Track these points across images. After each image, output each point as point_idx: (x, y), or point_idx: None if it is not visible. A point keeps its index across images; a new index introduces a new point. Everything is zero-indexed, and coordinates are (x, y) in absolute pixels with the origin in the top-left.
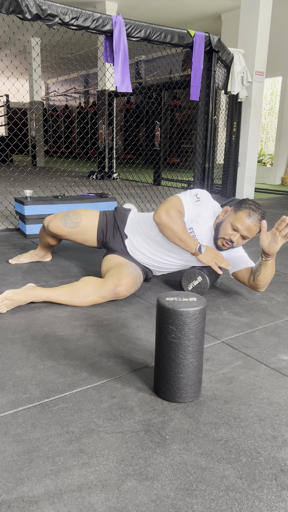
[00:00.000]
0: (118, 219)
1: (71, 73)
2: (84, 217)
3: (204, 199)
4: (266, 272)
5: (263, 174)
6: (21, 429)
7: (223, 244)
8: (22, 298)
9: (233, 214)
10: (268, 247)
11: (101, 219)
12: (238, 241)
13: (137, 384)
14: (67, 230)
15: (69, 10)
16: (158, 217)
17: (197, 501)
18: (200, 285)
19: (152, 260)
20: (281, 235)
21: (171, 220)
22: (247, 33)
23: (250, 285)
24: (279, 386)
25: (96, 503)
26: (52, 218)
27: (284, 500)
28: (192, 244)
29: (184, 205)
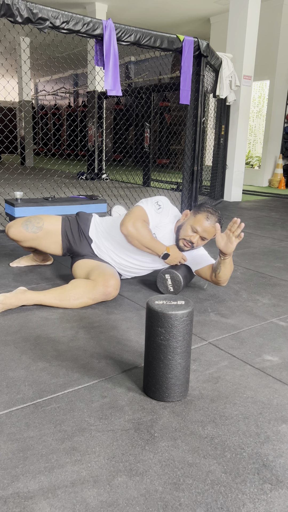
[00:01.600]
0: (82, 223)
1: (60, 72)
2: (46, 221)
3: (164, 205)
4: (226, 269)
5: (250, 176)
6: (15, 428)
7: (184, 244)
8: (13, 302)
9: (192, 217)
10: (224, 247)
11: (63, 223)
12: (198, 242)
13: (127, 384)
14: (29, 235)
15: (60, 14)
16: (125, 229)
17: (184, 495)
18: (174, 280)
19: (118, 263)
20: (234, 235)
21: (138, 231)
22: (235, 38)
23: (212, 280)
24: (263, 386)
25: (89, 498)
26: (13, 224)
27: (265, 493)
28: (159, 250)
29: (148, 214)
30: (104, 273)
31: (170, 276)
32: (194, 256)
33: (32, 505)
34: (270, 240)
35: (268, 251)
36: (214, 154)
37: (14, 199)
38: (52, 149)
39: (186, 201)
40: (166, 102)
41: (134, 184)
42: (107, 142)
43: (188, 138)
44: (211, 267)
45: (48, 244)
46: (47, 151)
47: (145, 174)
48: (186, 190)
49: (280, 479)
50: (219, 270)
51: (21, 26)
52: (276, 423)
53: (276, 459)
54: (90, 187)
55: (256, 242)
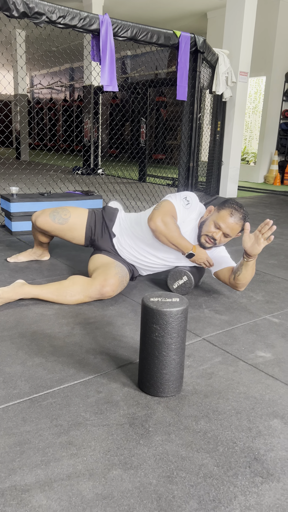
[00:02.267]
0: (107, 218)
1: (56, 66)
2: (73, 214)
3: (193, 201)
4: (247, 272)
5: (246, 172)
6: (12, 423)
7: (206, 241)
8: (11, 296)
9: (216, 213)
10: (250, 248)
11: (89, 217)
12: (221, 239)
13: (122, 380)
14: (55, 225)
15: (56, 8)
16: (154, 224)
17: (177, 487)
18: (185, 284)
19: (138, 259)
20: (263, 237)
21: (166, 227)
22: (232, 34)
23: (230, 284)
24: (255, 381)
25: (84, 490)
26: (40, 214)
27: (256, 486)
28: (186, 249)
29: (176, 209)
30: (105, 273)
31: (186, 280)
32: (215, 257)
33: (29, 498)
34: None
35: (262, 249)
36: (210, 150)
37: (9, 194)
38: (47, 144)
39: None
40: (162, 97)
41: (129, 179)
42: (103, 137)
43: (184, 134)
44: (231, 270)
45: (73, 235)
46: (42, 146)
47: (141, 169)
48: (182, 186)
49: (270, 472)
50: (239, 272)
51: (17, 20)
52: (268, 418)
53: (267, 453)
54: (86, 182)
55: None
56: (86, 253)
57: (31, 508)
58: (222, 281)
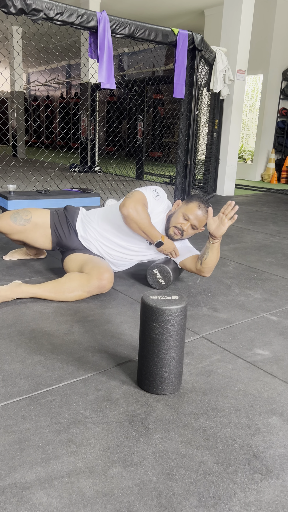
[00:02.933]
0: (69, 216)
1: (53, 63)
2: (34, 214)
3: (161, 194)
4: (213, 255)
5: (243, 171)
6: (11, 421)
7: (174, 233)
8: (8, 295)
9: (184, 206)
10: (216, 230)
11: (52, 216)
12: (188, 230)
13: (122, 378)
14: (16, 227)
15: (54, 5)
16: (126, 210)
17: (177, 484)
18: (162, 274)
19: (107, 254)
20: (227, 217)
21: (138, 214)
22: (229, 32)
23: (197, 270)
24: (254, 379)
25: (85, 488)
26: (1, 217)
27: (256, 483)
28: (155, 237)
29: (147, 200)
30: (98, 266)
31: (159, 270)
32: (181, 248)
33: (29, 495)
34: (262, 235)
35: (259, 246)
36: (207, 148)
37: (7, 192)
38: (44, 141)
39: (179, 195)
40: (159, 95)
41: (127, 177)
42: (100, 135)
43: (181, 132)
44: (196, 258)
45: (36, 237)
46: (39, 143)
47: (138, 167)
48: (179, 184)
49: (270, 469)
50: (206, 256)
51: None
52: (267, 415)
53: (266, 450)
54: (83, 180)
55: (248, 237)
56: None
57: (32, 506)
58: (188, 270)
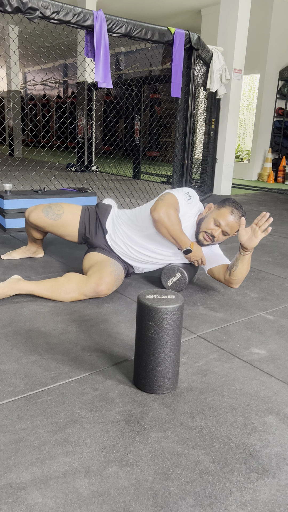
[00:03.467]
0: (100, 214)
1: (49, 62)
2: (66, 210)
3: (194, 197)
4: (243, 267)
5: (240, 170)
6: (7, 421)
7: (204, 238)
8: (6, 291)
9: (216, 210)
10: (247, 241)
11: (83, 213)
12: (219, 236)
13: (118, 377)
14: (48, 221)
15: (50, 4)
16: (157, 215)
17: (173, 484)
18: (179, 281)
19: (133, 255)
20: (260, 229)
21: (170, 219)
22: (226, 31)
23: (225, 280)
24: (250, 378)
25: (80, 488)
26: (34, 209)
27: (252, 482)
28: (184, 244)
29: (179, 203)
30: (100, 271)
31: (180, 277)
32: (209, 255)
33: (24, 496)
34: None
35: (256, 245)
36: (204, 148)
37: (3, 191)
38: (41, 141)
39: None
40: (156, 94)
41: (124, 177)
42: (97, 134)
43: (178, 131)
44: (226, 267)
45: (66, 232)
46: (36, 143)
47: (135, 166)
48: (176, 183)
49: (266, 468)
50: (235, 267)
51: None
52: (263, 414)
53: (263, 449)
54: (80, 179)
55: None
56: (81, 250)
57: (27, 506)
58: (216, 279)
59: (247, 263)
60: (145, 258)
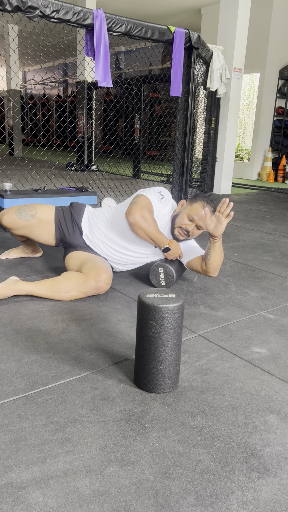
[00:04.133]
0: (75, 213)
1: (50, 62)
2: (39, 210)
3: (166, 195)
4: (216, 255)
5: (240, 169)
6: (7, 420)
7: (179, 233)
8: (5, 292)
9: (189, 206)
10: (214, 229)
11: (57, 212)
12: (193, 231)
13: (118, 376)
14: (21, 223)
15: (50, 2)
16: (133, 218)
17: (174, 483)
18: (167, 274)
19: (111, 254)
20: (223, 215)
21: (146, 222)
22: (226, 30)
23: (203, 270)
24: (251, 377)
25: (81, 487)
26: (6, 212)
27: (253, 481)
28: (162, 243)
29: (152, 204)
30: (96, 267)
31: (164, 270)
32: (186, 248)
33: (25, 495)
34: (259, 233)
35: (256, 245)
36: (204, 147)
37: (3, 191)
38: (41, 140)
39: (176, 194)
40: (156, 93)
41: (124, 176)
42: (97, 133)
43: (178, 131)
44: (202, 258)
45: (41, 233)
46: (36, 142)
47: (135, 166)
48: (176, 182)
49: (267, 468)
50: (209, 256)
51: (10, 14)
52: (264, 414)
53: (264, 448)
54: (79, 179)
55: (245, 235)
56: None
57: (28, 506)
58: (194, 270)
59: (219, 250)
60: (125, 257)
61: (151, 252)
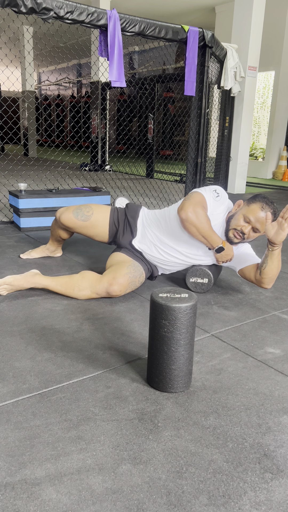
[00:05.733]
0: (129, 215)
1: (63, 62)
2: (95, 211)
3: (222, 194)
4: (273, 264)
5: (254, 168)
6: (22, 417)
7: (234, 235)
8: (22, 284)
9: (246, 207)
10: (274, 236)
11: (112, 214)
12: (249, 233)
13: (131, 375)
14: (78, 222)
15: (64, 4)
16: (185, 214)
17: (187, 483)
18: (203, 285)
19: (160, 256)
20: (287, 222)
21: (198, 218)
22: (240, 28)
23: (256, 280)
24: (265, 377)
25: (94, 485)
26: (64, 210)
27: (266, 482)
28: (215, 242)
29: (207, 201)
30: (116, 271)
31: (208, 281)
32: (241, 254)
33: (39, 491)
34: None
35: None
36: (218, 146)
37: (18, 191)
38: (55, 140)
39: None
40: (170, 93)
41: (137, 176)
42: (111, 133)
43: (192, 130)
44: (256, 267)
45: (96, 232)
46: (50, 142)
47: (149, 165)
48: (190, 182)
49: (280, 469)
50: (265, 265)
51: (25, 16)
52: (278, 414)
53: (277, 449)
54: (93, 179)
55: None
56: (95, 249)
57: (41, 502)
58: (247, 279)
59: (277, 259)
60: (174, 260)
61: (203, 253)
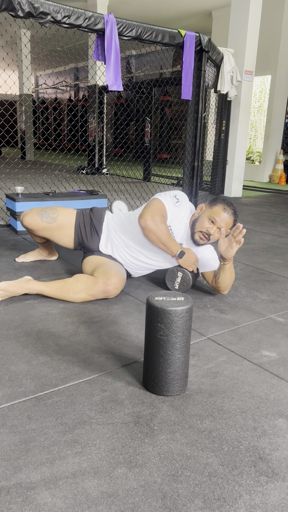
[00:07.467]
0: (95, 219)
1: (60, 66)
2: (61, 213)
3: (182, 199)
4: (225, 275)
5: (251, 172)
6: (17, 421)
7: (200, 237)
8: (16, 290)
9: (209, 209)
10: (225, 252)
11: (78, 217)
12: (215, 234)
13: (127, 379)
14: (43, 224)
15: (61, 8)
16: (144, 222)
17: (182, 486)
18: (184, 280)
19: (128, 260)
20: (235, 241)
21: (156, 225)
22: (237, 33)
23: (213, 286)
24: (260, 381)
25: (89, 488)
26: (28, 212)
27: (261, 485)
28: (175, 248)
29: (166, 208)
30: (107, 271)
31: (182, 275)
32: (204, 258)
33: (34, 495)
34: (270, 236)
35: (267, 247)
36: (214, 150)
37: (15, 194)
38: (52, 143)
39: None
40: (167, 97)
41: (134, 179)
42: (108, 137)
43: (189, 133)
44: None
45: (61, 236)
46: (47, 146)
47: (146, 169)
48: (187, 185)
49: (276, 472)
50: (219, 275)
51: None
52: (273, 418)
53: (272, 452)
54: (90, 182)
55: (255, 238)
56: None
57: (36, 506)
58: (208, 283)
59: (229, 272)
60: (141, 264)
61: (163, 259)
